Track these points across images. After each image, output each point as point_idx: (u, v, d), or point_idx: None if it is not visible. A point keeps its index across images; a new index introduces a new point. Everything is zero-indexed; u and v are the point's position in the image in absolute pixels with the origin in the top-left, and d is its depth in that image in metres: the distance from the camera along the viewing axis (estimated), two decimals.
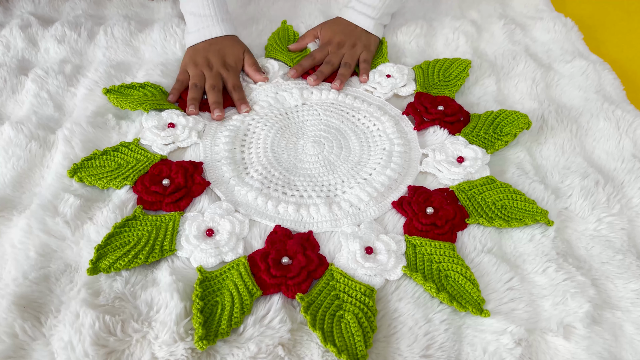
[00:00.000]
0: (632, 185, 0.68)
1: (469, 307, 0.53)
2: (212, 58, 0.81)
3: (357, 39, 0.87)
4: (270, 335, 0.51)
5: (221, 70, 0.80)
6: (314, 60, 0.85)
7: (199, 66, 0.80)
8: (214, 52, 0.82)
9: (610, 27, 1.03)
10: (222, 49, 0.83)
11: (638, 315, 0.55)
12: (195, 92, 0.77)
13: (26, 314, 0.52)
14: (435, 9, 1.01)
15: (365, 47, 0.87)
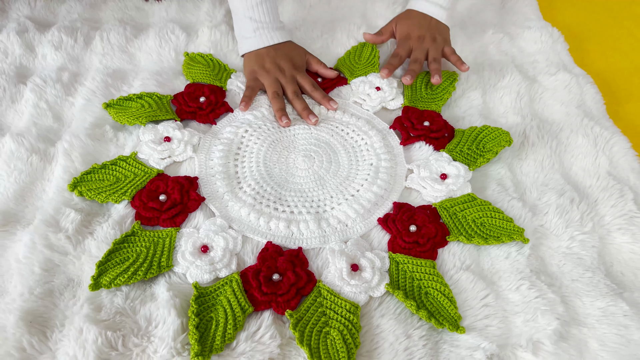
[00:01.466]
0: (605, 203, 0.72)
1: (446, 324, 0.57)
2: (282, 63, 0.83)
3: (435, 32, 0.88)
4: (261, 351, 0.55)
5: (295, 74, 0.82)
6: (401, 59, 0.87)
7: (271, 72, 0.82)
8: (282, 57, 0.83)
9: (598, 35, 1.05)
10: (288, 53, 0.85)
11: (603, 332, 0.59)
12: (279, 101, 0.80)
13: (33, 328, 0.55)
14: None
15: (445, 41, 0.89)
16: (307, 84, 0.82)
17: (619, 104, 0.90)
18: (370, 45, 0.93)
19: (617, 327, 0.59)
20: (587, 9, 1.11)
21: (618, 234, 0.69)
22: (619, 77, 0.95)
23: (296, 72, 0.83)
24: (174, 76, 0.86)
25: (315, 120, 0.78)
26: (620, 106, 0.90)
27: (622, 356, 0.57)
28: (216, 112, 0.80)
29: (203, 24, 0.96)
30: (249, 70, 0.84)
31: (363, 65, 0.90)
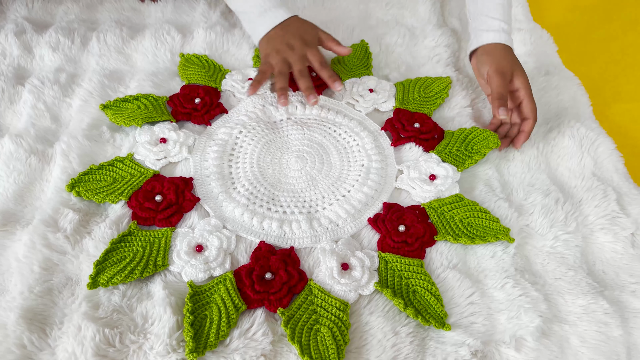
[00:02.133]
0: (589, 203, 0.74)
1: (432, 322, 0.60)
2: (292, 41, 0.81)
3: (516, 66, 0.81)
4: (253, 347, 0.57)
5: (305, 51, 0.81)
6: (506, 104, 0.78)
7: (281, 52, 0.81)
8: (292, 34, 0.81)
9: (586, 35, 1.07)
10: (297, 30, 0.82)
11: (583, 329, 0.61)
12: (281, 80, 0.79)
13: (33, 326, 0.57)
14: (417, 16, 1.05)
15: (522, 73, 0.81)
16: (316, 61, 0.81)
17: (606, 105, 0.92)
18: (364, 46, 0.94)
19: (597, 324, 0.61)
20: (576, 10, 1.13)
21: (601, 234, 0.71)
22: (607, 78, 0.97)
23: (307, 48, 0.81)
24: (169, 77, 0.88)
25: (314, 101, 0.78)
26: (607, 107, 0.92)
27: (602, 352, 0.59)
28: (211, 114, 0.81)
29: (198, 25, 0.98)
30: (263, 55, 0.83)
31: (356, 66, 0.92)
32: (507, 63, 0.79)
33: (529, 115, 0.78)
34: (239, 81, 0.86)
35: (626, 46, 1.05)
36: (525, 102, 0.78)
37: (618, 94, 0.95)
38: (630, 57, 1.03)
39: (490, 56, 0.81)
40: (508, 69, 0.79)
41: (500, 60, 0.80)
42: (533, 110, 0.78)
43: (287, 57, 0.81)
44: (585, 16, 1.12)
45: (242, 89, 0.86)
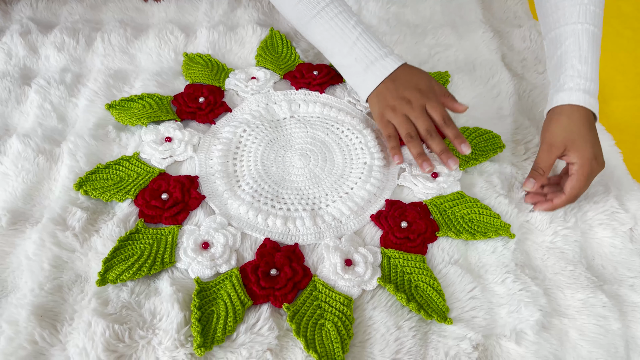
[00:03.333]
0: (588, 199, 0.75)
1: (434, 316, 0.61)
2: (406, 93, 0.73)
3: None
4: (259, 342, 0.58)
5: (424, 102, 0.72)
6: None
7: (398, 110, 0.73)
8: (404, 86, 0.73)
9: None
10: (409, 80, 0.74)
11: (582, 322, 0.62)
12: (416, 145, 0.71)
13: (44, 322, 0.58)
14: (418, 14, 1.06)
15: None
16: (438, 114, 0.72)
17: (605, 102, 0.93)
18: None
19: (596, 317, 0.62)
20: None
21: (600, 229, 0.72)
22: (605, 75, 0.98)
23: (424, 99, 0.72)
24: (173, 77, 0.89)
25: (456, 166, 0.71)
26: (606, 104, 0.93)
27: (600, 345, 0.61)
28: (215, 112, 0.83)
29: (201, 24, 0.99)
30: (377, 114, 0.75)
31: None
32: (564, 132, 0.69)
33: (566, 190, 0.69)
34: (242, 80, 0.88)
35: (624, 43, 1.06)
36: (571, 178, 0.69)
37: (617, 91, 0.96)
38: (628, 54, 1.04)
39: (552, 121, 0.71)
40: (561, 139, 0.69)
41: (557, 127, 0.70)
42: (574, 189, 0.69)
43: (406, 113, 0.73)
44: None
45: (246, 87, 0.87)
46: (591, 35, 0.71)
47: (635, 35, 1.07)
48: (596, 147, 0.69)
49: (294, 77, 0.89)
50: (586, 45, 0.71)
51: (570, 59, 0.71)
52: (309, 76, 0.89)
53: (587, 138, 0.68)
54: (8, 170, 0.72)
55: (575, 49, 0.71)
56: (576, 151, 0.68)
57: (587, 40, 0.71)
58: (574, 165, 0.69)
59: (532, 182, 0.70)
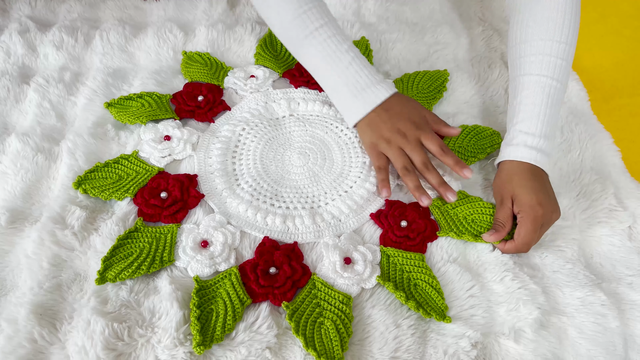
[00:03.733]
0: (587, 197, 0.75)
1: (433, 314, 0.61)
2: (400, 125, 0.71)
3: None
4: (259, 340, 0.58)
5: (419, 135, 0.71)
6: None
7: (393, 142, 0.72)
8: (398, 117, 0.72)
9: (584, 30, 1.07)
10: (402, 110, 0.73)
11: (581, 320, 0.63)
12: (413, 178, 0.70)
13: (43, 321, 0.59)
14: (418, 12, 1.06)
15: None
16: (434, 145, 0.71)
17: (604, 100, 0.93)
18: (364, 43, 0.95)
19: (594, 315, 0.63)
20: None
21: (598, 227, 0.72)
22: (605, 73, 0.98)
23: (419, 132, 0.71)
24: (172, 75, 0.89)
25: (454, 198, 0.69)
26: (605, 102, 0.93)
27: (599, 343, 0.61)
28: (214, 111, 0.83)
29: (200, 22, 0.99)
30: (368, 144, 0.74)
31: None
32: (508, 185, 0.68)
33: (515, 237, 0.66)
34: (241, 79, 0.88)
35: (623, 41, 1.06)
36: (518, 226, 0.67)
37: (616, 89, 0.96)
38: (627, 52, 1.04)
39: (499, 175, 0.71)
40: (507, 192, 0.68)
41: (503, 181, 0.70)
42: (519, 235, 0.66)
43: (401, 146, 0.71)
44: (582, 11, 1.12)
45: (245, 86, 0.87)
46: (548, 89, 0.70)
47: (634, 34, 1.07)
48: (541, 194, 0.66)
49: (292, 76, 0.89)
50: (540, 99, 0.70)
51: (522, 112, 0.71)
52: (308, 74, 0.89)
53: (529, 186, 0.67)
54: (7, 169, 0.72)
55: (529, 102, 0.70)
56: (519, 200, 0.67)
57: (543, 93, 0.70)
58: (519, 214, 0.67)
59: (492, 234, 0.67)
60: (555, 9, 0.72)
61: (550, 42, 0.71)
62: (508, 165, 0.70)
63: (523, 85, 0.72)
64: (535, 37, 0.73)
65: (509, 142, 0.71)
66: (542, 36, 0.72)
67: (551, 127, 0.70)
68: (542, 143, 0.69)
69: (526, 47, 0.73)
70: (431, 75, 0.90)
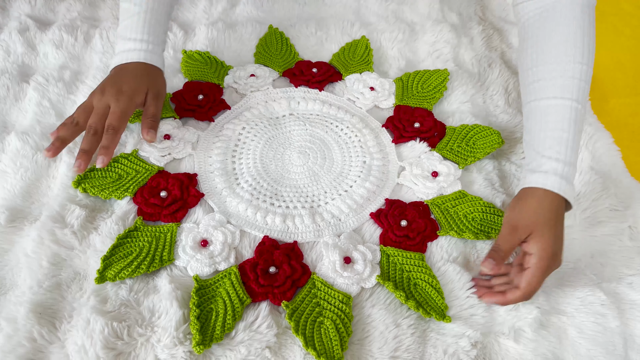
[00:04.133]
0: (587, 197, 0.75)
1: (433, 314, 0.61)
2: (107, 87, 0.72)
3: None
4: (258, 340, 0.58)
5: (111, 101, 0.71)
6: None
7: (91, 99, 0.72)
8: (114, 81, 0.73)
9: None
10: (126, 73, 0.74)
11: (581, 320, 0.63)
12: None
13: (42, 320, 0.58)
14: (417, 11, 1.06)
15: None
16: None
17: (604, 99, 0.93)
18: (364, 42, 0.95)
19: (594, 315, 0.63)
20: None
21: (599, 227, 0.72)
22: (605, 72, 0.98)
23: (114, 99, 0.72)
24: (172, 74, 0.89)
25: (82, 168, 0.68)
26: (605, 102, 0.93)
27: (599, 343, 0.61)
28: (214, 110, 0.82)
29: (200, 21, 0.99)
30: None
31: (357, 62, 0.93)
32: (532, 216, 0.63)
33: (521, 285, 0.61)
34: (241, 77, 0.87)
35: (623, 40, 1.06)
36: (527, 272, 0.61)
37: (616, 89, 0.96)
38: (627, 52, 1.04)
39: (520, 202, 0.65)
40: (527, 224, 0.62)
41: (525, 210, 0.64)
42: (530, 285, 0.60)
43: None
44: None
45: (245, 85, 0.87)
46: (574, 113, 0.66)
47: (635, 33, 1.07)
48: (559, 243, 0.62)
49: (293, 75, 0.89)
50: (568, 124, 0.66)
51: (549, 139, 0.66)
52: (308, 73, 0.89)
53: (554, 231, 0.62)
54: (7, 168, 0.72)
55: (557, 127, 0.66)
56: (538, 242, 0.61)
57: (570, 118, 0.66)
58: (532, 258, 0.61)
59: (492, 263, 0.61)
60: (574, 30, 0.69)
61: (571, 64, 0.68)
62: (536, 194, 0.64)
63: (547, 110, 0.67)
64: (554, 60, 0.69)
65: (536, 169, 0.65)
66: (562, 59, 0.68)
67: (576, 156, 0.66)
68: (571, 171, 0.65)
69: (545, 70, 0.69)
70: (431, 75, 0.90)
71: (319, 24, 1.01)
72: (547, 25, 0.71)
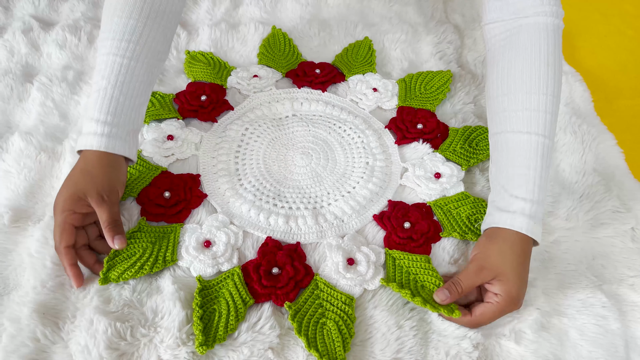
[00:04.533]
0: (589, 198, 0.75)
1: (441, 309, 0.60)
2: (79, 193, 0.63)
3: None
4: (261, 340, 0.58)
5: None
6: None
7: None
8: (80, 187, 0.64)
9: (587, 31, 1.08)
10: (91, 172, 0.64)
11: (582, 322, 0.63)
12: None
13: (46, 320, 0.59)
14: (421, 12, 1.06)
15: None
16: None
17: (608, 101, 0.93)
18: (367, 43, 0.95)
19: (595, 317, 0.63)
20: (577, 6, 1.14)
21: (601, 228, 0.72)
22: (608, 74, 0.98)
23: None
24: (175, 74, 0.89)
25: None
26: (609, 103, 0.93)
27: (600, 345, 0.61)
28: (217, 110, 0.83)
29: (203, 22, 0.99)
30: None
31: (360, 63, 0.93)
32: (499, 259, 0.61)
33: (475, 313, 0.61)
34: (244, 78, 0.88)
35: (626, 42, 1.06)
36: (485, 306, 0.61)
37: (619, 90, 0.96)
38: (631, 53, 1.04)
39: (489, 242, 0.64)
40: (494, 266, 0.61)
41: (494, 251, 0.62)
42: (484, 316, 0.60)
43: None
44: (586, 12, 1.12)
45: (248, 86, 0.87)
46: (541, 149, 0.64)
47: (638, 34, 1.07)
48: (523, 288, 0.61)
49: (296, 76, 0.90)
50: (535, 161, 0.64)
51: (517, 176, 0.64)
52: (311, 74, 0.89)
53: (520, 275, 0.61)
54: (10, 168, 0.73)
55: (524, 164, 0.64)
56: (504, 285, 0.60)
57: (537, 155, 0.64)
58: (496, 297, 0.60)
59: (446, 296, 0.61)
60: (537, 58, 0.66)
61: (536, 95, 0.65)
62: (504, 235, 0.63)
63: (514, 145, 0.65)
64: (518, 90, 0.66)
65: (504, 208, 0.64)
66: (525, 89, 0.66)
67: (545, 193, 0.65)
68: (539, 210, 0.63)
69: (509, 100, 0.67)
70: (434, 76, 0.90)
71: (322, 25, 1.01)
72: (511, 52, 0.69)
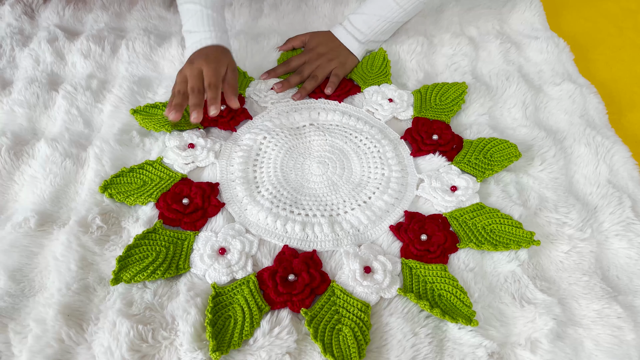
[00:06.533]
0: (603, 210, 0.75)
1: (459, 319, 0.61)
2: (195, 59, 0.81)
3: (336, 55, 0.94)
4: (279, 345, 0.60)
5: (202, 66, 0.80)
6: (288, 67, 0.93)
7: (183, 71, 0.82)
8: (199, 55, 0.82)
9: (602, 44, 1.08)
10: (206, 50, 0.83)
11: (597, 332, 0.63)
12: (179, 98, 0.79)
13: (70, 321, 0.60)
14: (437, 24, 1.07)
15: (341, 64, 0.93)
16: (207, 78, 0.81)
17: (622, 114, 0.94)
18: (382, 54, 0.97)
19: (611, 328, 0.63)
20: (592, 19, 1.14)
21: (615, 240, 0.72)
22: (622, 86, 0.99)
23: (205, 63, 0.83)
24: None
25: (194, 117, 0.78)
26: (623, 115, 0.93)
27: (615, 355, 0.61)
28: (236, 120, 0.84)
29: None
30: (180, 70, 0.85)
31: (375, 74, 0.94)
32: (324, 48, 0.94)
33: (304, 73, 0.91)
34: (261, 90, 0.90)
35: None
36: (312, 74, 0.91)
37: (633, 103, 0.96)
38: None
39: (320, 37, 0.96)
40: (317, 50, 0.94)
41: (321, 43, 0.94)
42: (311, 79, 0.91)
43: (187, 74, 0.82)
44: (600, 25, 1.13)
45: (265, 97, 0.89)
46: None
47: None
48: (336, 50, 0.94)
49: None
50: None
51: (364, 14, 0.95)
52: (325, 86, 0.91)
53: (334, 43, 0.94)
54: (37, 174, 0.75)
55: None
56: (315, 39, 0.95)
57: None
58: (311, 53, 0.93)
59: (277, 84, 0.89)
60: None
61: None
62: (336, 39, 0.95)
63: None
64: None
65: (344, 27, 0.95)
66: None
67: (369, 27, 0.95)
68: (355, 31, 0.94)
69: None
70: (449, 87, 0.91)
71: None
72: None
